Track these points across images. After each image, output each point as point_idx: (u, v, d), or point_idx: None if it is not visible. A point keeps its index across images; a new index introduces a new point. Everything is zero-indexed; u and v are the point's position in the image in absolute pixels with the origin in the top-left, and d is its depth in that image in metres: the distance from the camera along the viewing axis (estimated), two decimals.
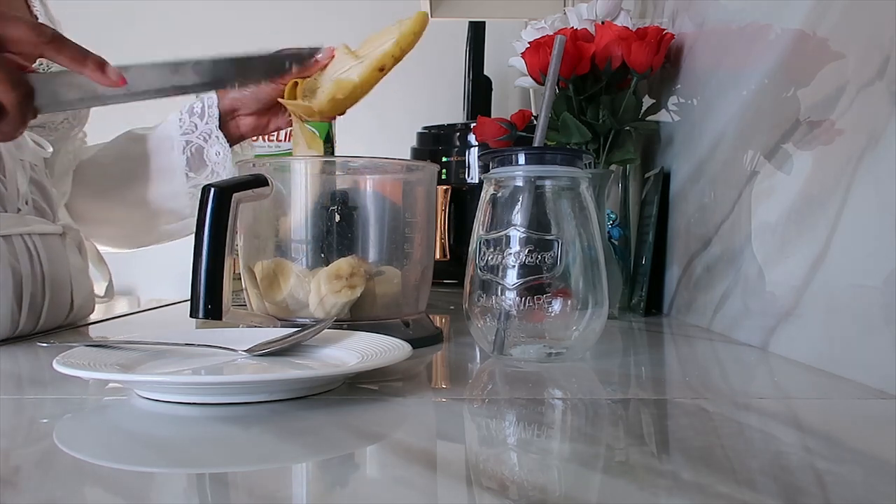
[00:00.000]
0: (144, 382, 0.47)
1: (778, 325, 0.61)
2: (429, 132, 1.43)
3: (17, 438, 0.39)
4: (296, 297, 0.63)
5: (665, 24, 0.96)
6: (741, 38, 0.73)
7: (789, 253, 0.60)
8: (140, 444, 0.39)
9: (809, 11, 0.59)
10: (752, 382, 0.55)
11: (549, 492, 0.32)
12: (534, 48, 0.88)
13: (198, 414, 0.43)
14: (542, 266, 0.56)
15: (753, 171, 0.68)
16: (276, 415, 0.43)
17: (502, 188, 0.59)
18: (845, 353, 0.52)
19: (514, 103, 1.90)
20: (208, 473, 0.35)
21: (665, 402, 0.47)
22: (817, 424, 0.43)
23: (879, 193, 0.48)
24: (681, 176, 0.88)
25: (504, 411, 0.45)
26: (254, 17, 2.19)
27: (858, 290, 0.50)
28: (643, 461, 0.36)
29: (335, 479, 0.35)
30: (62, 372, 0.44)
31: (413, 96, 2.15)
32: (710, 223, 0.77)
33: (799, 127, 0.60)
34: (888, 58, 0.48)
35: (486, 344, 0.59)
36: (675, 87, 0.91)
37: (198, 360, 0.53)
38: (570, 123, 0.86)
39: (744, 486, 0.32)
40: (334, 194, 0.65)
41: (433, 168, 0.71)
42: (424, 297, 0.71)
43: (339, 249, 0.64)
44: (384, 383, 0.51)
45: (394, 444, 0.39)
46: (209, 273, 0.56)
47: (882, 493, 0.31)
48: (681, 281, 0.86)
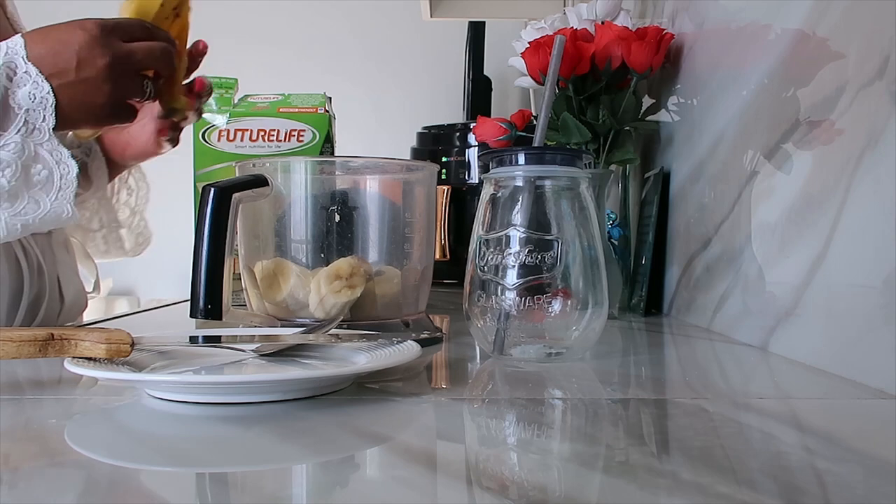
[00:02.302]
0: (158, 382, 0.47)
1: (778, 325, 0.61)
2: (429, 132, 1.43)
3: (20, 437, 0.39)
4: (296, 297, 0.63)
5: (665, 24, 0.96)
6: (741, 38, 0.73)
7: (789, 253, 0.60)
8: (144, 444, 0.39)
9: (809, 11, 0.59)
10: (752, 382, 0.55)
11: (549, 492, 0.32)
12: (534, 48, 0.88)
13: (199, 413, 0.43)
14: (542, 266, 0.56)
15: (753, 171, 0.68)
16: (277, 415, 0.43)
17: (502, 188, 0.59)
18: (845, 353, 0.52)
19: (514, 103, 1.90)
20: (208, 473, 0.35)
21: (665, 402, 0.47)
22: (817, 424, 0.43)
23: (879, 193, 0.48)
24: (681, 176, 0.88)
25: (504, 411, 0.45)
26: (250, 17, 2.19)
27: (858, 290, 0.50)
28: (643, 461, 0.36)
29: (335, 478, 0.35)
30: (74, 371, 0.44)
31: (413, 96, 2.15)
32: (710, 223, 0.77)
33: (799, 127, 0.60)
34: (888, 58, 0.48)
35: (486, 344, 0.59)
36: (675, 87, 0.91)
37: (206, 359, 0.53)
38: (570, 123, 0.86)
39: (744, 486, 0.32)
40: (334, 194, 0.65)
41: (433, 168, 0.71)
42: (424, 297, 0.71)
43: (339, 249, 0.64)
44: (384, 383, 0.51)
45: (394, 444, 0.39)
46: (209, 273, 0.56)
47: (882, 493, 0.31)
48: (681, 281, 0.86)
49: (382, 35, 2.19)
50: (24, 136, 0.62)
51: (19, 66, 0.61)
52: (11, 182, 0.62)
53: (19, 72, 0.61)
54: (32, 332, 0.46)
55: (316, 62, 2.17)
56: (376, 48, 2.19)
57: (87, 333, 0.47)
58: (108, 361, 0.47)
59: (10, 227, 0.63)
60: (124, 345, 0.46)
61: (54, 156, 0.63)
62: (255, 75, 1.30)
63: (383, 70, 2.18)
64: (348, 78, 2.14)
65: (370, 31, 2.20)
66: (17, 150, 0.61)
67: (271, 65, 2.09)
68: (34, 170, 0.63)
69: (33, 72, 0.62)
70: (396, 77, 2.17)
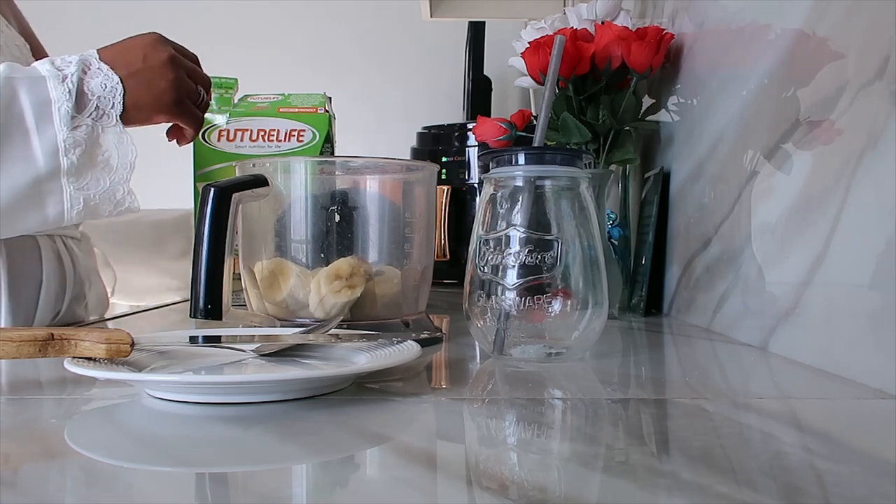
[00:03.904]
0: (158, 382, 0.47)
1: (778, 325, 0.61)
2: (429, 132, 1.43)
3: (20, 437, 0.39)
4: (296, 297, 0.63)
5: (665, 24, 0.96)
6: (741, 38, 0.73)
7: (789, 253, 0.60)
8: (144, 444, 0.39)
9: (809, 11, 0.59)
10: (751, 382, 0.55)
11: (549, 492, 0.32)
12: (534, 48, 0.88)
13: (199, 413, 0.43)
14: (542, 266, 0.56)
15: (753, 171, 0.68)
16: (277, 415, 0.43)
17: (502, 188, 0.59)
18: (845, 353, 0.52)
19: (513, 103, 1.90)
20: (208, 473, 0.35)
21: (665, 402, 0.47)
22: (817, 424, 0.43)
23: (879, 193, 0.48)
24: (680, 176, 0.88)
25: (504, 411, 0.45)
26: (250, 17, 2.19)
27: (858, 290, 0.50)
28: (643, 461, 0.36)
29: (335, 478, 0.35)
30: (74, 371, 0.44)
31: (413, 96, 2.15)
32: (710, 223, 0.77)
33: (799, 127, 0.60)
34: (888, 58, 0.48)
35: (486, 344, 0.59)
36: (675, 87, 0.91)
37: (206, 359, 0.53)
38: (570, 123, 0.86)
39: (744, 486, 0.32)
40: (334, 194, 0.65)
41: (433, 168, 0.71)
42: (424, 297, 0.71)
43: (338, 249, 0.64)
44: (384, 383, 0.51)
45: (394, 444, 0.39)
46: (209, 273, 0.56)
47: (882, 493, 0.31)
48: (681, 281, 0.86)
49: (383, 35, 2.19)
50: (95, 120, 0.71)
51: (93, 64, 0.72)
52: (81, 160, 0.70)
53: (93, 67, 0.71)
54: (32, 332, 0.46)
55: (316, 62, 2.17)
56: (376, 48, 2.19)
57: (87, 333, 0.47)
58: (108, 361, 0.47)
59: (73, 200, 0.71)
60: (124, 345, 0.46)
61: (118, 140, 0.72)
62: (256, 75, 1.30)
63: (383, 70, 2.18)
64: (348, 78, 2.14)
65: (370, 32, 2.20)
66: (88, 132, 0.71)
67: (271, 65, 2.09)
68: (99, 151, 0.72)
69: (105, 67, 0.72)
70: (396, 77, 2.17)
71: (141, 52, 0.73)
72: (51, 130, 0.69)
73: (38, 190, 0.70)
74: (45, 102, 0.69)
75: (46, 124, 0.69)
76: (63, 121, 0.69)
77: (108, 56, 0.73)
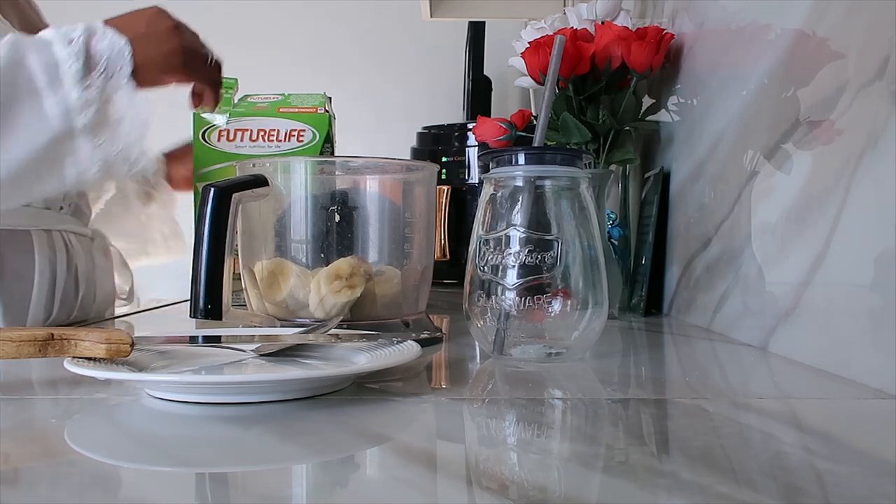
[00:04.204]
0: (158, 382, 0.47)
1: (778, 325, 0.61)
2: (429, 132, 1.43)
3: (20, 437, 0.39)
4: (296, 297, 0.63)
5: (665, 24, 0.96)
6: (741, 38, 0.73)
7: (789, 253, 0.60)
8: (144, 444, 0.39)
9: (809, 11, 0.59)
10: (751, 382, 0.55)
11: (549, 492, 0.32)
12: (534, 48, 0.88)
13: (199, 413, 0.43)
14: (542, 266, 0.56)
15: (753, 171, 0.68)
16: (277, 415, 0.43)
17: (502, 188, 0.59)
18: (845, 353, 0.52)
19: (513, 103, 1.90)
20: (208, 473, 0.35)
21: (665, 402, 0.47)
22: (817, 424, 0.43)
23: (879, 193, 0.48)
24: (680, 176, 0.88)
25: (504, 411, 0.45)
26: (250, 17, 2.19)
27: (858, 290, 0.50)
28: (643, 461, 0.36)
29: (335, 478, 0.35)
30: (74, 371, 0.44)
31: (413, 96, 2.15)
32: (710, 223, 0.77)
33: (799, 127, 0.60)
34: (888, 58, 0.48)
35: (486, 344, 0.59)
36: (675, 87, 0.91)
37: (206, 359, 0.53)
38: (570, 123, 0.86)
39: (744, 486, 0.32)
40: (334, 194, 0.65)
41: (433, 168, 0.71)
42: (424, 297, 0.71)
43: (339, 249, 0.64)
44: (384, 383, 0.51)
45: (394, 444, 0.39)
46: (209, 273, 0.56)
47: (882, 493, 0.31)
48: (681, 281, 0.86)
49: (382, 35, 2.19)
50: (106, 80, 0.71)
51: (98, 29, 0.73)
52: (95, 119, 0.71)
53: (99, 32, 0.72)
54: (32, 332, 0.46)
55: (316, 62, 2.17)
56: (376, 48, 2.19)
57: (87, 333, 0.47)
58: (108, 361, 0.47)
59: (91, 160, 0.71)
60: (124, 345, 0.46)
61: (129, 100, 0.72)
62: (256, 75, 1.30)
63: (383, 70, 2.17)
64: (348, 78, 2.14)
65: (370, 32, 2.20)
66: (99, 92, 0.71)
67: (271, 65, 2.09)
68: (112, 110, 0.72)
69: (111, 31, 0.73)
70: (396, 77, 2.17)
71: (145, 20, 0.75)
72: (61, 91, 0.69)
73: (55, 151, 0.69)
74: (53, 64, 0.69)
75: (57, 85, 0.69)
76: (73, 81, 0.69)
77: (113, 24, 0.74)
